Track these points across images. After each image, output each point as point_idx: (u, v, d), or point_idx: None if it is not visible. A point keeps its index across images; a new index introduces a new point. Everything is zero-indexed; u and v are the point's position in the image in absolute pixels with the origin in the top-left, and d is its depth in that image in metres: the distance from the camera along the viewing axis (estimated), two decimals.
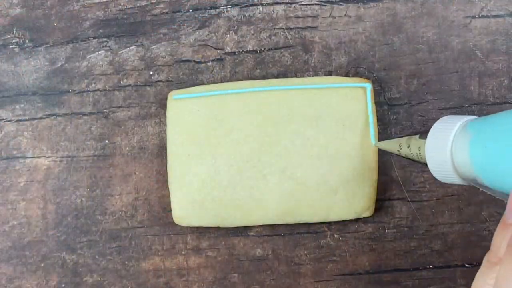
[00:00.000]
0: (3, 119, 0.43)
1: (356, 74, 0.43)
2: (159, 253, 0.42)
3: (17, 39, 0.43)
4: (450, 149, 0.31)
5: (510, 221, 0.27)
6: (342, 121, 0.41)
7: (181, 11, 0.43)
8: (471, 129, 0.30)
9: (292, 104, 0.41)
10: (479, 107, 0.42)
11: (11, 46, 0.43)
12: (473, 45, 0.43)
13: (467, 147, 0.30)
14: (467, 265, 0.42)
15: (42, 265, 0.42)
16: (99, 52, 0.43)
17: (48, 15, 0.43)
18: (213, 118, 0.41)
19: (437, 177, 0.33)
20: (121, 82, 0.43)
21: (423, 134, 0.34)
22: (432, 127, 0.32)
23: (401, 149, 0.36)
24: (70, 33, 0.43)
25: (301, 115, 0.41)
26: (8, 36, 0.43)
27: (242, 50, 0.43)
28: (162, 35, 0.43)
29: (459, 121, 0.31)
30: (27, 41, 0.43)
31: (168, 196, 0.42)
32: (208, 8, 0.43)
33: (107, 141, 0.43)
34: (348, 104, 0.41)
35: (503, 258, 0.28)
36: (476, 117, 0.31)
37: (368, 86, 0.41)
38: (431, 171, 0.33)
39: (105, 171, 0.43)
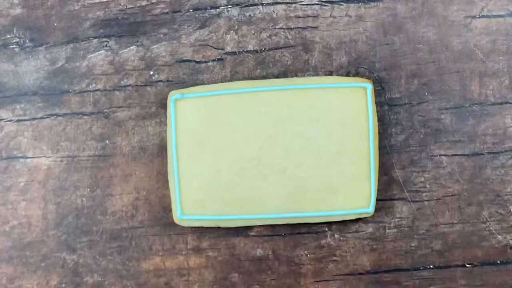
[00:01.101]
0: (4, 119, 0.43)
1: (357, 74, 0.43)
2: (160, 253, 0.42)
3: (18, 39, 0.43)
4: None
5: None
6: (342, 121, 0.41)
7: (182, 11, 0.43)
8: None
9: (292, 104, 0.41)
10: (480, 107, 0.42)
11: (11, 46, 0.43)
12: (473, 45, 0.43)
13: None
14: (468, 265, 0.42)
15: (43, 265, 0.42)
16: (100, 52, 0.43)
17: (48, 15, 0.43)
18: (213, 118, 0.41)
19: None
20: (122, 82, 0.43)
21: None
22: None
23: None
24: (71, 33, 0.43)
25: (302, 115, 0.41)
26: (9, 36, 0.43)
27: (243, 50, 0.43)
28: (162, 35, 0.43)
29: None
30: (27, 41, 0.43)
31: (169, 196, 0.42)
32: (209, 8, 0.43)
33: (107, 141, 0.43)
34: (348, 104, 0.41)
35: None
36: None
37: (369, 86, 0.41)
38: None
39: (106, 171, 0.43)
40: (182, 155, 0.41)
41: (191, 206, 0.41)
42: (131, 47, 0.43)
